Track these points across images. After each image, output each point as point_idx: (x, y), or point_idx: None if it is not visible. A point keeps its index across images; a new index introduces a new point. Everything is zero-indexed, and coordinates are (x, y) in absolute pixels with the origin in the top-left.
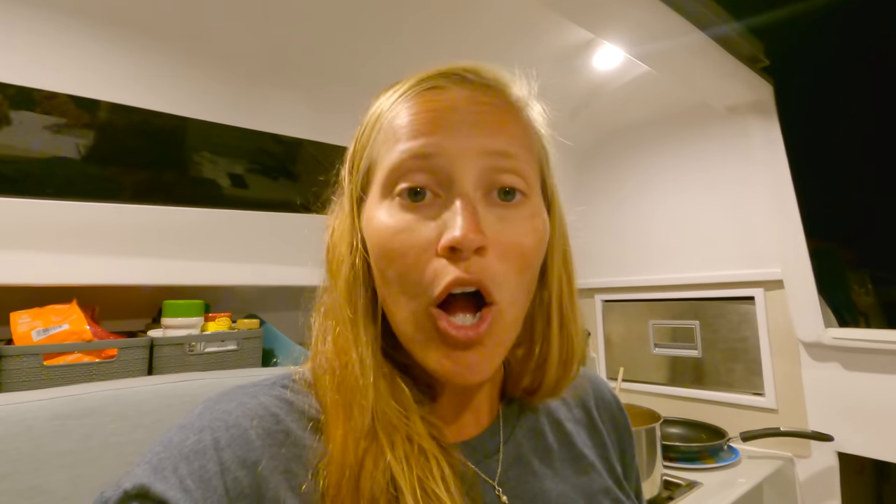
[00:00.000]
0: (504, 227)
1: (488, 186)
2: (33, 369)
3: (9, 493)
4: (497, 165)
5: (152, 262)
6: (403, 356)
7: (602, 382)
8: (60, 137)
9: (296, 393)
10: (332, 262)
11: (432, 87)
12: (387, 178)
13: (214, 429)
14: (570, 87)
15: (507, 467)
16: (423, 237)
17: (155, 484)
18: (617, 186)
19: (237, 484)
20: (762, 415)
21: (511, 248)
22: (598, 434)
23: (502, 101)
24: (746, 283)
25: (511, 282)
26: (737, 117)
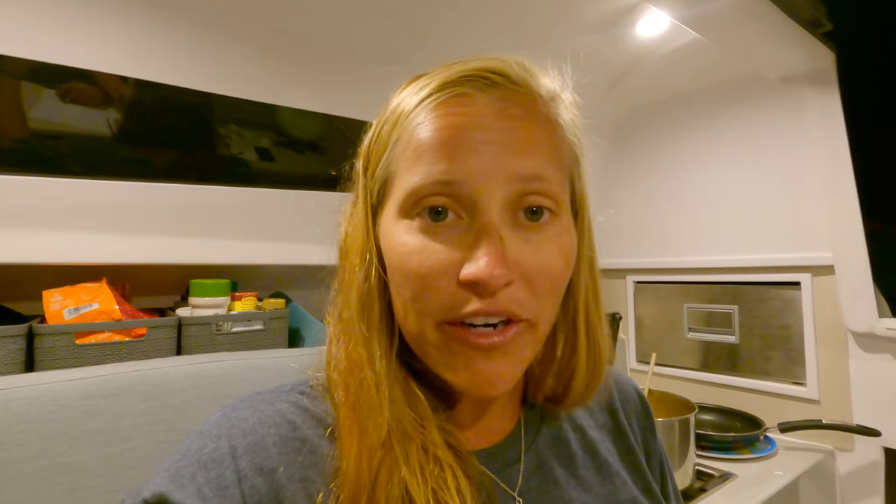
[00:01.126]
0: (531, 251)
1: (515, 209)
2: (66, 348)
3: (45, 469)
4: (525, 189)
5: (180, 241)
6: (420, 363)
7: (626, 381)
8: (91, 116)
9: (312, 399)
10: (344, 269)
11: (458, 95)
12: (405, 200)
13: (232, 436)
14: (609, 56)
15: (529, 476)
16: (443, 260)
17: (173, 493)
18: (654, 162)
19: (254, 492)
20: (802, 405)
21: (538, 272)
22: (625, 438)
23: (532, 110)
24: (792, 268)
25: (539, 302)
26: (791, 88)
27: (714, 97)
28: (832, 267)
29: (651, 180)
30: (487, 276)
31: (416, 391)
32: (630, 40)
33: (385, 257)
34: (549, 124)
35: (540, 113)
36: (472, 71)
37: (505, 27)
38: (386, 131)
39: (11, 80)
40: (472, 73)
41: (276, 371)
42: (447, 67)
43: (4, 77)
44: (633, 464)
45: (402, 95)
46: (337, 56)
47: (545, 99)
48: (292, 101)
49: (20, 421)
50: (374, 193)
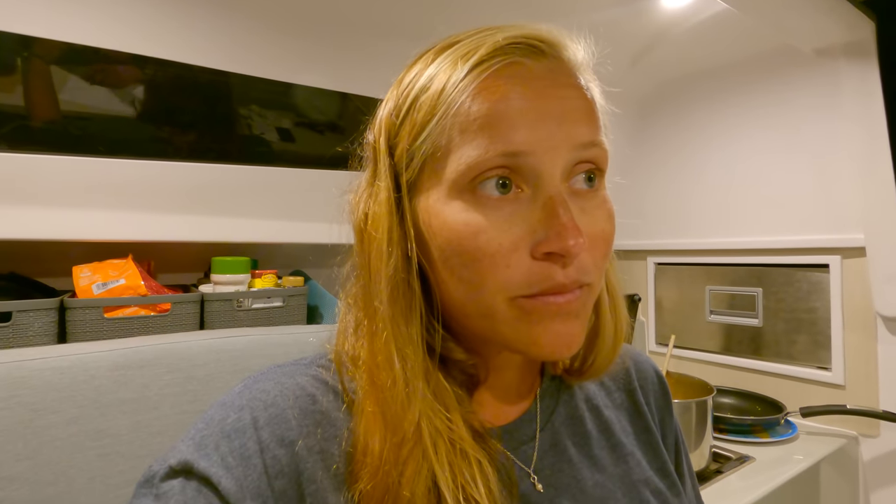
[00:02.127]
0: (588, 219)
1: (570, 176)
2: (95, 321)
3: (78, 434)
4: (583, 156)
5: (202, 219)
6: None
7: (644, 359)
8: (116, 96)
9: (331, 373)
10: (366, 252)
11: (510, 64)
12: (462, 175)
13: (253, 408)
14: (633, 29)
15: (543, 455)
16: (513, 235)
17: (198, 461)
18: (677, 140)
19: (276, 462)
20: (826, 390)
21: (597, 238)
22: (642, 418)
23: (576, 77)
24: (821, 250)
25: (598, 267)
26: (826, 61)
27: (742, 72)
28: (863, 249)
29: (674, 160)
30: (572, 246)
31: (443, 382)
32: (655, 12)
33: (434, 239)
34: (590, 92)
35: (580, 79)
36: (520, 38)
37: (524, 2)
38: (426, 104)
39: (42, 63)
40: (520, 41)
41: (295, 346)
42: (486, 34)
43: (36, 59)
44: (649, 443)
45: (437, 65)
46: (353, 34)
47: (583, 67)
48: (310, 79)
49: (54, 389)
50: (408, 171)
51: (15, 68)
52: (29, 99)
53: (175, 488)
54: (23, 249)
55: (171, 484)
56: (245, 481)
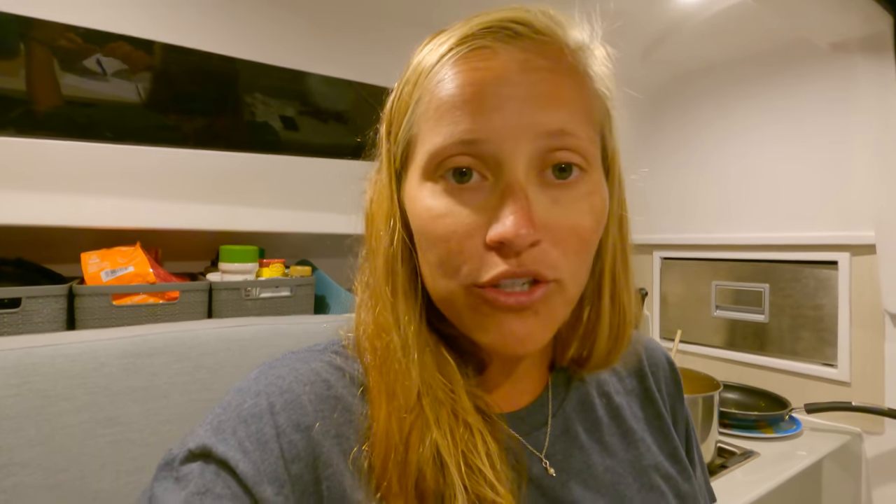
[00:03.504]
0: (559, 211)
1: (541, 166)
2: (104, 308)
3: (89, 421)
4: (552, 145)
5: (210, 207)
6: (449, 327)
7: (656, 346)
8: (123, 82)
9: (345, 358)
10: (370, 235)
11: (479, 48)
12: (428, 161)
13: (269, 393)
14: (645, 23)
15: (555, 440)
16: (468, 223)
17: (217, 445)
18: (686, 133)
19: (292, 447)
20: (832, 387)
21: (567, 232)
22: (653, 404)
23: (559, 60)
24: (830, 247)
25: (569, 262)
26: (842, 56)
27: (755, 65)
28: (873, 246)
29: (683, 152)
30: (513, 236)
31: (445, 356)
32: (669, 4)
33: (411, 222)
34: (578, 76)
35: (567, 63)
36: (494, 22)
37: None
38: (407, 92)
39: (47, 47)
40: (493, 25)
41: (303, 336)
42: (468, 20)
43: (41, 43)
44: (660, 429)
45: (422, 53)
46: (360, 20)
47: (572, 49)
48: (316, 66)
49: (65, 376)
50: (397, 158)
51: (19, 52)
52: (34, 83)
53: (194, 471)
54: (29, 235)
55: (191, 467)
56: (262, 465)
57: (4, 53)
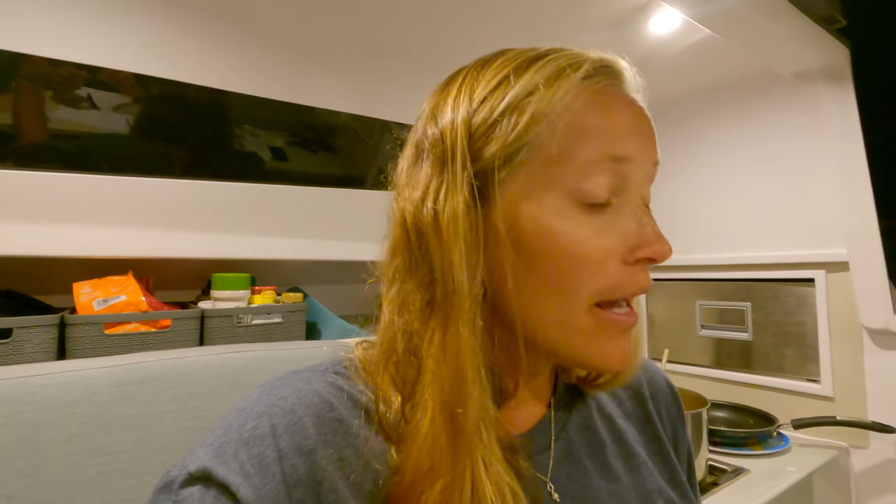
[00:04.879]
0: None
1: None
2: (95, 337)
3: (79, 452)
4: (651, 173)
5: (201, 235)
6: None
7: (654, 369)
8: (114, 114)
9: (346, 379)
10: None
11: (610, 84)
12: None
13: (271, 415)
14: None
15: (558, 464)
16: (611, 245)
17: (217, 468)
18: (665, 160)
19: (294, 471)
20: (816, 402)
21: None
22: (653, 427)
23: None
24: (806, 265)
25: None
26: (805, 85)
27: (729, 94)
28: (847, 263)
29: (661, 177)
30: (667, 251)
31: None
32: (642, 37)
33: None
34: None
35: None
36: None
37: (514, 22)
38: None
39: (37, 81)
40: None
41: (295, 362)
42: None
43: (30, 77)
44: (659, 453)
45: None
46: (346, 53)
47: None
48: (305, 98)
49: (55, 406)
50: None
51: (9, 86)
52: (24, 116)
53: (194, 496)
54: (19, 267)
55: (190, 491)
56: (263, 490)
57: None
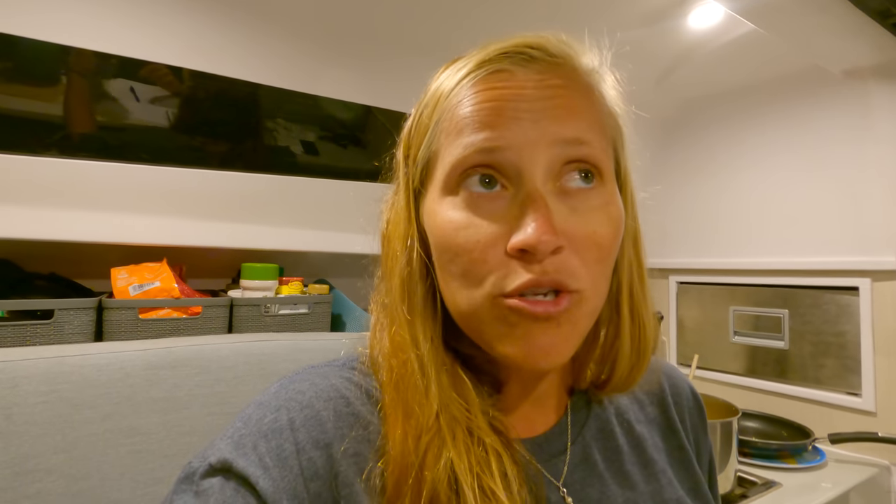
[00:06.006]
0: (578, 219)
1: (559, 176)
2: (130, 321)
3: (112, 431)
4: (568, 154)
5: (233, 226)
6: (466, 346)
7: (678, 374)
8: (151, 105)
9: (362, 374)
10: (387, 255)
11: (496, 71)
12: (449, 174)
13: (290, 409)
14: (658, 50)
15: (573, 469)
16: (490, 233)
17: (237, 460)
18: (703, 159)
19: (312, 464)
20: (856, 417)
21: (587, 239)
22: (675, 435)
23: (573, 80)
24: (850, 272)
25: (590, 272)
26: (855, 82)
27: (769, 92)
28: (895, 272)
29: (698, 177)
30: (535, 242)
31: (462, 375)
32: (681, 32)
33: (431, 237)
34: (590, 93)
35: (581, 82)
36: (510, 47)
37: (546, 18)
38: (427, 114)
39: (85, 74)
40: (509, 50)
41: (320, 352)
42: (485, 46)
43: (79, 70)
44: (681, 461)
45: (440, 79)
46: (378, 48)
47: (585, 70)
48: (336, 92)
49: (91, 385)
50: (416, 178)
51: (60, 79)
52: (74, 108)
53: (214, 486)
54: (62, 251)
55: (211, 482)
56: (281, 482)
57: (46, 80)
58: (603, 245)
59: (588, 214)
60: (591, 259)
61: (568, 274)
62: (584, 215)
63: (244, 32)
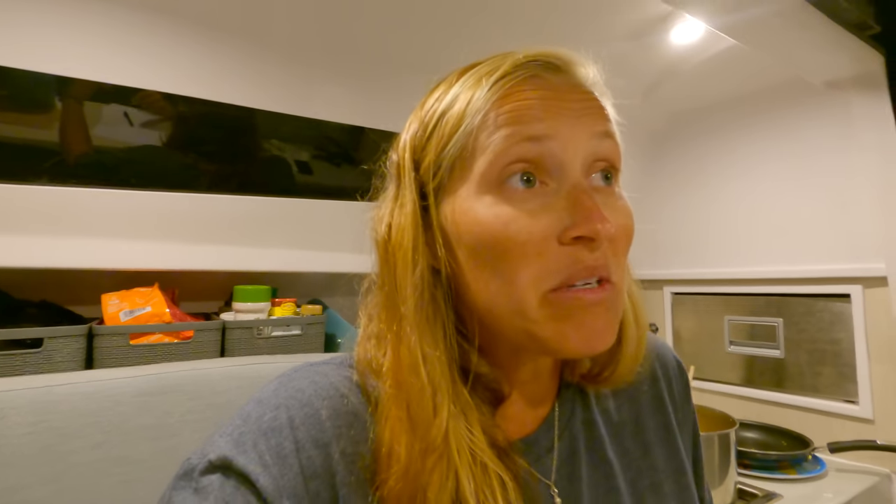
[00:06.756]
0: (611, 212)
1: (591, 170)
2: (121, 348)
3: (102, 460)
4: (601, 149)
5: (225, 248)
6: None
7: (664, 347)
8: (144, 130)
9: (360, 374)
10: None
11: (532, 76)
12: (489, 169)
13: (289, 407)
14: (642, 65)
15: (561, 465)
16: (542, 225)
17: (237, 457)
18: (692, 169)
19: (311, 463)
20: (854, 425)
21: (620, 231)
22: (663, 413)
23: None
24: (842, 280)
25: (619, 265)
26: (837, 93)
27: (754, 104)
28: (885, 279)
29: (689, 189)
30: (600, 229)
31: (465, 395)
32: (664, 48)
33: (464, 237)
34: (604, 99)
35: (597, 90)
36: (538, 55)
37: (534, 33)
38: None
39: (77, 102)
40: (538, 58)
41: None
42: (506, 55)
43: (71, 98)
44: (667, 441)
45: (460, 85)
46: (371, 68)
47: (595, 80)
48: (329, 113)
49: (81, 414)
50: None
51: (52, 107)
52: (65, 135)
53: (214, 483)
54: (54, 278)
55: (210, 479)
56: (282, 480)
57: (39, 109)
58: (630, 238)
59: (615, 207)
60: (622, 251)
61: (611, 263)
62: (614, 207)
63: (237, 58)
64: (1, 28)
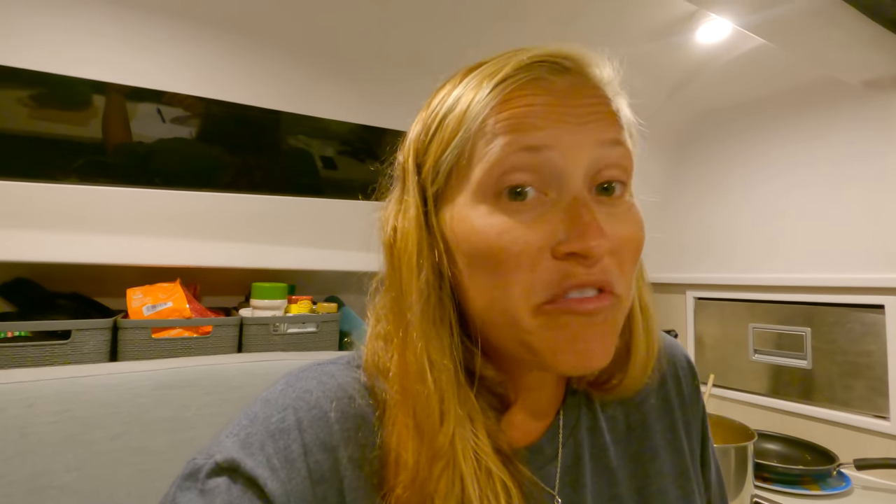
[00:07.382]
0: (615, 223)
1: (595, 180)
2: (144, 341)
3: (122, 450)
4: (607, 157)
5: (245, 246)
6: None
7: (675, 347)
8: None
9: (367, 375)
10: (397, 268)
11: (535, 79)
12: (485, 177)
13: (297, 408)
14: (667, 65)
15: (565, 473)
16: (537, 237)
17: (245, 460)
18: (718, 172)
19: (319, 466)
20: (885, 441)
21: (624, 243)
22: (670, 415)
23: (603, 89)
24: (876, 290)
25: (625, 275)
26: (876, 93)
27: (785, 104)
28: None
29: (715, 191)
30: (594, 247)
31: (472, 399)
32: (690, 48)
33: (460, 245)
34: (616, 101)
35: (609, 90)
36: (544, 56)
37: (558, 34)
38: (454, 118)
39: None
40: (544, 58)
41: None
42: (513, 54)
43: (101, 100)
44: (673, 444)
45: (463, 86)
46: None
47: (607, 82)
48: (348, 115)
49: (102, 405)
50: (434, 183)
51: (87, 108)
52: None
53: (220, 486)
54: (83, 271)
55: (217, 482)
56: (290, 484)
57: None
58: (637, 247)
59: (622, 218)
60: (628, 262)
61: (612, 276)
62: (619, 219)
63: (256, 61)
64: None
